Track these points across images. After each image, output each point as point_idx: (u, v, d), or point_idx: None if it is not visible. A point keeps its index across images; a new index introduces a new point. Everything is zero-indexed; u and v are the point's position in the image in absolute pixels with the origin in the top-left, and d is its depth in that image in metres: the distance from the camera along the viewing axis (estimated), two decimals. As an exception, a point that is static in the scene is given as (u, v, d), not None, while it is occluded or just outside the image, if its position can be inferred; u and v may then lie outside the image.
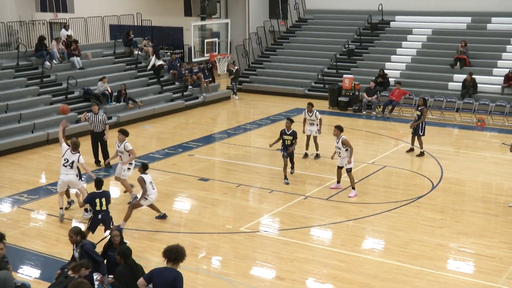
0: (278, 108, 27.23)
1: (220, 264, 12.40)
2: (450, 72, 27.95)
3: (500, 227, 14.11)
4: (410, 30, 31.38)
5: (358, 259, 12.47)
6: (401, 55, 30.08)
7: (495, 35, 29.23)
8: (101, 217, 12.58)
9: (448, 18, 31.06)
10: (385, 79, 27.63)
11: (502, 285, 11.35)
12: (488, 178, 17.75)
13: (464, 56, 27.97)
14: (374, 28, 32.41)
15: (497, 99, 25.41)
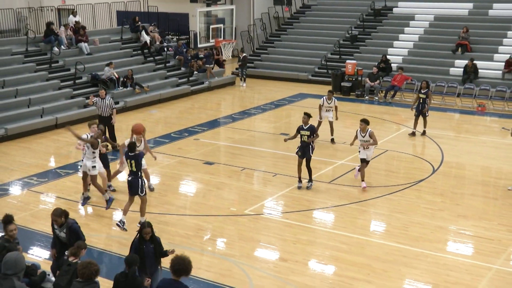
0: (282, 93, 27.20)
1: (224, 246, 12.47)
2: (451, 57, 27.85)
3: (499, 210, 14.13)
4: (413, 16, 31.23)
5: (359, 241, 12.52)
6: (403, 41, 29.97)
7: (496, 21, 29.06)
8: (130, 179, 12.63)
9: (450, 4, 30.91)
10: (387, 64, 27.56)
11: (500, 266, 11.40)
12: (487, 162, 17.74)
13: (465, 42, 27.85)
14: (377, 14, 32.25)
15: (497, 85, 25.34)
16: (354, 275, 11.07)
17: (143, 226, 9.42)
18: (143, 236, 9.38)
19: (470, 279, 10.95)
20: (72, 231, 9.63)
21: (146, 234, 9.37)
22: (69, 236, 9.64)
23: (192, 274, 10.91)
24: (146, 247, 9.34)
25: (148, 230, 9.38)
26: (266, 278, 11.05)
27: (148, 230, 9.37)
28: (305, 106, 24.71)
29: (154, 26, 30.18)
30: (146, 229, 9.38)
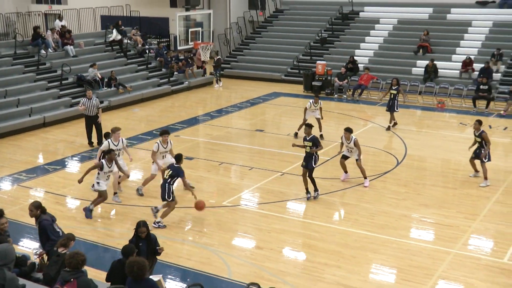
0: (257, 92, 27.19)
1: (204, 236, 12.44)
2: (413, 58, 28.06)
3: (458, 199, 14.30)
4: (378, 20, 31.39)
5: (330, 229, 12.58)
6: (369, 43, 30.10)
7: (454, 24, 29.34)
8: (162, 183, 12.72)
9: (412, 9, 31.10)
10: (354, 65, 27.68)
11: (458, 251, 11.55)
12: (447, 154, 17.94)
13: (426, 43, 28.08)
14: (345, 18, 32.36)
15: (455, 83, 25.60)
16: (325, 261, 11.13)
17: (139, 226, 9.36)
18: (139, 235, 9.31)
19: (431, 263, 11.08)
20: (41, 227, 9.42)
21: (142, 233, 9.31)
22: (39, 231, 9.47)
23: (174, 262, 10.97)
24: (142, 245, 9.27)
25: (144, 230, 9.31)
26: (243, 265, 11.07)
27: (143, 229, 9.31)
28: (279, 104, 24.77)
29: (137, 30, 29.94)
30: (141, 228, 9.32)
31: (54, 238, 9.23)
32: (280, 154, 17.84)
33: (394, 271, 10.86)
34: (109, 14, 32.89)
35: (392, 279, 10.66)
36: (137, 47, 28.84)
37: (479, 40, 27.99)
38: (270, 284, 9.89)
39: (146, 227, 9.31)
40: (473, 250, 11.66)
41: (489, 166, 15.81)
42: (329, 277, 10.59)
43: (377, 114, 23.17)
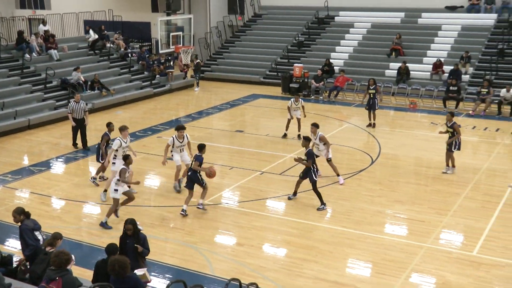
0: (237, 94, 27.18)
1: (187, 234, 12.41)
2: (386, 61, 28.26)
3: (429, 195, 14.44)
4: (352, 24, 31.56)
5: (308, 226, 12.63)
6: (344, 46, 30.26)
7: (425, 28, 29.62)
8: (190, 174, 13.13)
9: (385, 14, 31.32)
10: (330, 67, 27.80)
11: (430, 245, 11.67)
12: (419, 153, 18.10)
13: (398, 47, 28.30)
14: (321, 23, 32.48)
15: (426, 84, 25.85)
16: (304, 257, 11.18)
17: (126, 223, 9.28)
18: (126, 232, 9.25)
19: (405, 256, 11.18)
20: (20, 232, 9.11)
21: (128, 230, 9.24)
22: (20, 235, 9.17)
23: (157, 260, 10.93)
24: (129, 242, 9.20)
25: (130, 227, 9.21)
26: (224, 261, 11.07)
27: (129, 226, 9.22)
28: (258, 106, 24.80)
29: (119, 34, 29.76)
30: (127, 225, 9.24)
31: (32, 243, 8.93)
32: (259, 153, 17.86)
33: (370, 265, 10.95)
34: (92, 18, 32.65)
35: (368, 273, 10.74)
36: (119, 51, 28.68)
37: (448, 43, 28.29)
38: (251, 279, 9.90)
39: (132, 225, 9.22)
40: (444, 244, 11.79)
41: (459, 164, 16.07)
42: (307, 272, 10.63)
43: (352, 115, 23.31)
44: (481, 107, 22.88)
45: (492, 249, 11.47)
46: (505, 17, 28.77)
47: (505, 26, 27.92)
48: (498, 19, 28.93)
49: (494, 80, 24.82)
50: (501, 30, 27.77)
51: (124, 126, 14.48)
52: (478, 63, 26.83)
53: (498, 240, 11.86)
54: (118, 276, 7.40)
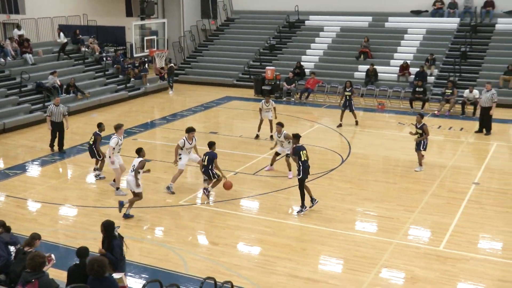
0: (210, 96, 27.08)
1: (162, 234, 12.31)
2: (355, 63, 28.45)
3: (397, 193, 14.56)
4: (322, 28, 31.70)
5: (281, 224, 12.62)
6: (315, 49, 30.37)
7: (392, 32, 29.91)
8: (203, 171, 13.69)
9: (353, 18, 31.52)
10: (301, 70, 27.88)
11: (399, 241, 11.76)
12: (387, 152, 18.25)
13: (367, 49, 28.52)
14: (292, 26, 32.56)
15: (394, 86, 26.08)
16: (277, 255, 11.16)
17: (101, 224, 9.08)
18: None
19: (375, 252, 11.24)
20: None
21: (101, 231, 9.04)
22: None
23: (133, 260, 10.80)
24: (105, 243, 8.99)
25: (101, 228, 9.00)
26: (199, 260, 10.99)
27: (101, 227, 9.01)
28: (231, 108, 24.74)
29: (94, 38, 29.43)
30: (100, 226, 9.06)
31: (3, 254, 8.62)
32: (232, 154, 17.81)
33: (341, 262, 10.98)
34: (66, 23, 32.20)
35: (339, 269, 10.77)
36: (94, 55, 28.37)
37: (414, 46, 28.61)
38: (225, 277, 9.84)
39: (104, 227, 9.01)
40: (412, 239, 11.89)
41: (426, 161, 16.26)
42: (280, 269, 10.62)
43: (323, 116, 23.41)
44: (446, 107, 23.18)
45: (457, 243, 11.61)
46: (467, 21, 29.21)
47: (467, 30, 28.36)
48: (460, 23, 29.36)
49: (457, 81, 25.18)
50: (464, 33, 28.20)
51: (120, 124, 14.76)
52: (442, 65, 27.19)
53: (463, 235, 12.01)
54: (97, 275, 7.28)
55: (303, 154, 12.93)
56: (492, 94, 19.96)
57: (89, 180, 15.66)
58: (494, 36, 28.07)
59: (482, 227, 12.42)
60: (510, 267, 10.69)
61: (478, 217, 12.93)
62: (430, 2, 30.34)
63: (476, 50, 27.60)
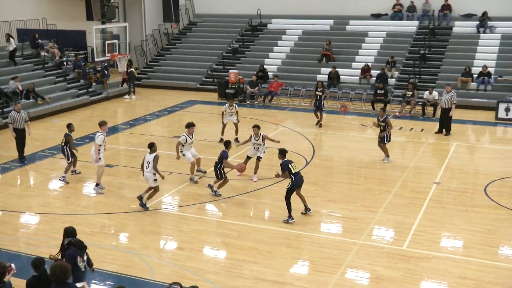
0: (174, 100, 26.93)
1: (127, 240, 12.17)
2: (318, 66, 28.72)
3: (361, 194, 14.74)
4: (284, 31, 31.90)
5: (246, 227, 12.63)
6: (277, 52, 30.54)
7: (353, 35, 30.31)
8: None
9: (315, 21, 31.84)
10: (264, 73, 27.99)
11: (364, 241, 11.91)
12: (351, 154, 18.45)
13: (329, 52, 28.82)
14: (254, 30, 32.67)
15: (356, 88, 26.43)
16: (243, 258, 11.16)
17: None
18: None
19: (340, 253, 11.35)
20: None
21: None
22: None
23: (98, 267, 10.63)
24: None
25: (62, 236, 8.82)
26: (165, 266, 10.91)
27: (62, 235, 8.83)
28: (195, 112, 24.65)
29: (54, 43, 28.91)
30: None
31: None
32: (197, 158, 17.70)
33: (307, 263, 11.05)
34: (25, 27, 31.56)
35: (305, 271, 10.84)
36: (54, 60, 27.88)
37: (375, 49, 29.06)
38: (192, 282, 9.80)
39: (64, 232, 8.78)
40: (376, 240, 12.06)
41: (388, 164, 16.52)
42: (247, 272, 10.62)
43: (286, 118, 23.54)
44: (407, 108, 23.60)
45: (420, 242, 11.82)
46: (426, 24, 29.83)
47: (426, 33, 28.96)
48: (419, 26, 29.97)
49: (417, 83, 25.67)
50: (423, 36, 28.78)
51: (104, 120, 15.12)
52: (402, 67, 27.68)
53: (425, 234, 12.24)
54: (59, 280, 7.15)
55: (292, 167, 12.81)
56: (452, 96, 20.42)
57: (52, 186, 15.39)
58: (451, 39, 28.74)
59: (444, 226, 12.69)
60: (470, 264, 10.94)
61: (440, 216, 13.20)
62: (390, 6, 30.88)
63: (434, 52, 28.21)
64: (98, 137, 14.68)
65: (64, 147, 15.54)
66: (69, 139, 15.53)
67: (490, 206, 13.81)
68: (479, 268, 10.78)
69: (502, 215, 13.29)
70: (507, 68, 26.00)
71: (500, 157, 17.98)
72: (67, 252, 8.63)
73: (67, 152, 15.57)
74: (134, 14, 35.70)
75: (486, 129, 21.91)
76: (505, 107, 22.99)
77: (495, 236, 12.21)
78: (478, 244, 11.79)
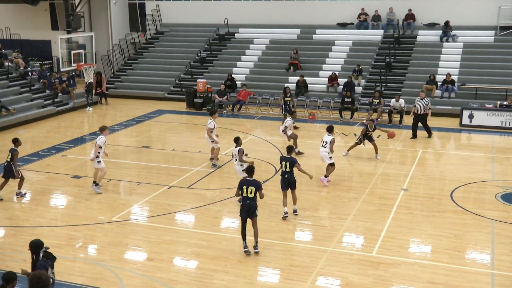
0: (142, 110, 26.72)
1: (95, 252, 11.97)
2: (285, 75, 28.89)
3: (331, 201, 14.82)
4: (252, 40, 32.03)
5: (216, 237, 12.56)
6: (245, 61, 30.63)
7: (320, 43, 30.62)
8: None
9: (282, 30, 32.08)
10: (233, 82, 28.01)
11: (334, 248, 11.96)
12: (319, 161, 18.48)
13: (296, 61, 29.03)
14: (222, 39, 32.72)
15: (323, 96, 26.66)
16: (214, 267, 11.10)
17: None
18: None
19: (310, 261, 11.38)
20: None
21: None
22: None
23: (66, 280, 10.45)
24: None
25: (28, 248, 8.60)
26: (135, 277, 10.76)
27: (28, 247, 8.61)
28: (163, 121, 24.50)
29: (18, 52, 28.48)
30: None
31: None
32: (166, 168, 17.62)
33: (278, 272, 11.04)
34: (-12, 37, 31.00)
35: (276, 279, 10.83)
36: (19, 70, 27.41)
37: (341, 57, 29.40)
38: (162, 294, 9.69)
39: (30, 246, 8.57)
40: (346, 246, 12.13)
41: (356, 170, 16.65)
42: (218, 282, 10.56)
43: (255, 127, 23.58)
44: (374, 116, 23.87)
45: (389, 248, 11.93)
46: (390, 33, 30.33)
47: (391, 41, 29.45)
48: (384, 35, 30.45)
49: (384, 91, 26.03)
50: (388, 45, 29.26)
51: (104, 126, 15.35)
52: (369, 76, 28.06)
53: (394, 240, 12.36)
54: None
55: (245, 189, 11.93)
56: (427, 102, 20.93)
57: (17, 199, 15.05)
58: (416, 47, 29.29)
59: (412, 232, 12.84)
60: (439, 269, 11.09)
61: (408, 222, 13.36)
62: (355, 15, 31.30)
63: (400, 60, 28.69)
64: (100, 138, 14.93)
65: (11, 163, 14.71)
66: (15, 155, 14.75)
67: (456, 211, 14.05)
68: (446, 273, 10.93)
69: (468, 220, 13.54)
70: (470, 76, 26.59)
71: (465, 163, 18.33)
72: (39, 263, 8.43)
73: (13, 169, 14.69)
74: (100, 24, 35.39)
75: (451, 136, 22.33)
76: (468, 113, 23.50)
77: (461, 240, 12.42)
78: (446, 249, 11.96)
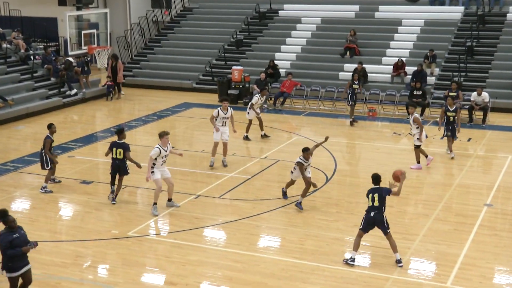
0: (165, 103, 27.01)
1: (107, 273, 12.16)
2: (340, 61, 28.74)
3: (394, 217, 14.61)
4: (299, 19, 32.00)
5: (253, 258, 12.59)
6: (291, 45, 30.63)
7: (383, 23, 30.37)
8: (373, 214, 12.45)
9: (337, 7, 31.93)
10: (275, 70, 28.02)
11: (398, 276, 11.81)
12: (381, 168, 18.30)
13: (353, 45, 28.84)
14: (262, 17, 32.81)
15: (387, 88, 26.37)
16: (249, 296, 11.14)
17: None
18: None
19: (369, 291, 11.31)
20: None
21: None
22: None
23: (71, 306, 10.62)
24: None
25: None
26: (154, 305, 10.89)
27: None
28: (191, 117, 24.70)
29: (18, 32, 29.12)
30: None
31: None
32: (193, 173, 17.75)
33: (328, 303, 11.00)
34: (-17, 13, 31.86)
35: (326, 312, 10.80)
36: (19, 53, 28.04)
37: (410, 40, 29.08)
38: (186, 325, 9.77)
39: None
40: (413, 274, 11.98)
41: (426, 179, 16.44)
42: (254, 313, 10.59)
43: (302, 125, 23.55)
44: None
45: (468, 278, 11.72)
46: (473, 10, 29.86)
47: (474, 21, 28.95)
48: (465, 13, 30.00)
49: (463, 82, 25.62)
50: (469, 24, 28.78)
51: (164, 132, 14.83)
52: (444, 63, 27.68)
53: (475, 268, 12.13)
54: None
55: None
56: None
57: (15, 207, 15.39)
58: (505, 28, 28.72)
59: (497, 258, 12.58)
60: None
61: (492, 246, 13.10)
62: (429, -13, 30.97)
63: (484, 44, 28.19)
64: (153, 149, 14.66)
65: (42, 152, 16.10)
66: (47, 143, 16.05)
67: (554, 234, 13.73)
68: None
69: None
70: None
71: None
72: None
73: (45, 158, 15.99)
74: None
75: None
76: None
77: (560, 270, 12.13)
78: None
